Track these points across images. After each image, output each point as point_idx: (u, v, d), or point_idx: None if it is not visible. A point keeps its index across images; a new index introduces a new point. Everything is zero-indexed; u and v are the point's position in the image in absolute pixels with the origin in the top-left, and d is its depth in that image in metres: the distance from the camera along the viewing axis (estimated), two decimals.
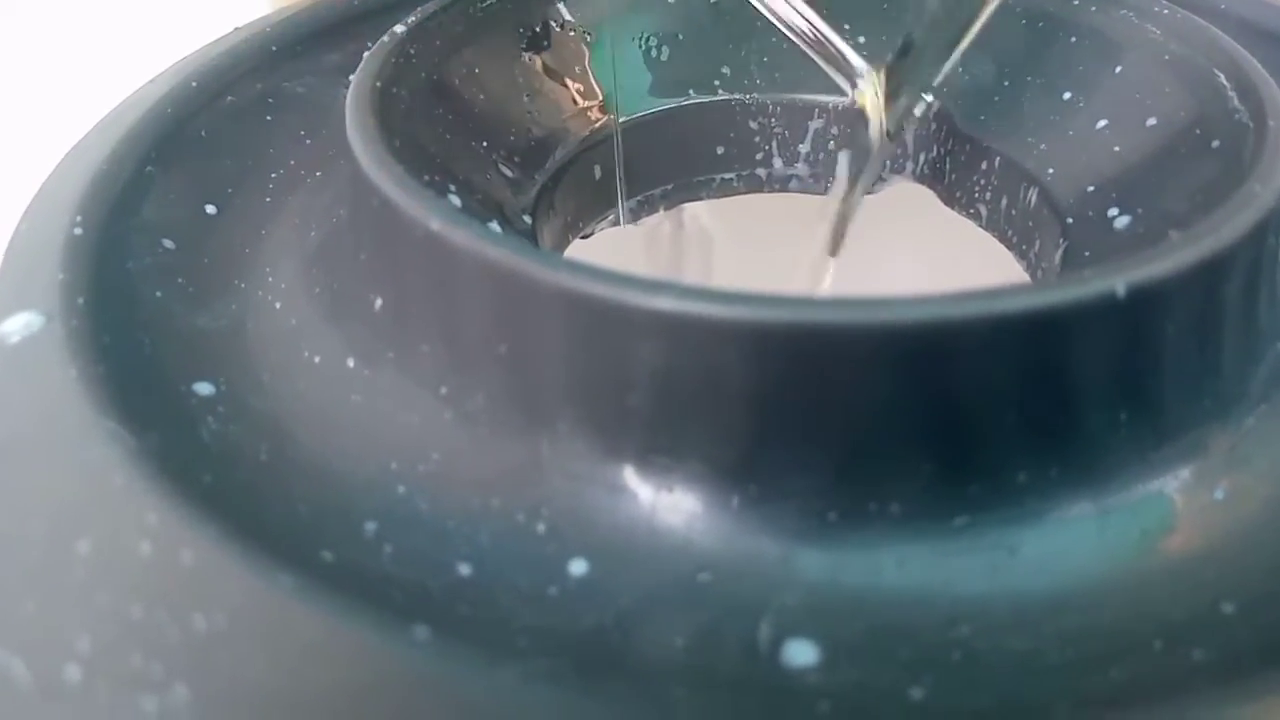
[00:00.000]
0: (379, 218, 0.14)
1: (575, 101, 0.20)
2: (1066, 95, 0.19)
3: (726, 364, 0.12)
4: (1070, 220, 0.17)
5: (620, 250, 0.26)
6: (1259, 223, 0.13)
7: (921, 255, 0.24)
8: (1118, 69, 0.18)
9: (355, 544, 0.12)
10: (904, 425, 0.12)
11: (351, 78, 0.16)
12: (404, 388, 0.14)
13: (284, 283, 0.16)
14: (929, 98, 0.18)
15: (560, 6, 0.20)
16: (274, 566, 0.11)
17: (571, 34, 0.20)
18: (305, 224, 0.18)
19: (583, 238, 0.21)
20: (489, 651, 0.11)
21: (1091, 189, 0.18)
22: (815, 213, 0.22)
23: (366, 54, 0.17)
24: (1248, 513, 0.13)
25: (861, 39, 0.21)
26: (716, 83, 0.21)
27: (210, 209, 0.18)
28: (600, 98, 0.20)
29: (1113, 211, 0.17)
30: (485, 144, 0.18)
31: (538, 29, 0.20)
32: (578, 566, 0.12)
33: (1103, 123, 0.18)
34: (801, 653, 0.11)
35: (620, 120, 0.19)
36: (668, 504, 0.13)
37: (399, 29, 0.17)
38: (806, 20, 0.18)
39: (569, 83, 0.20)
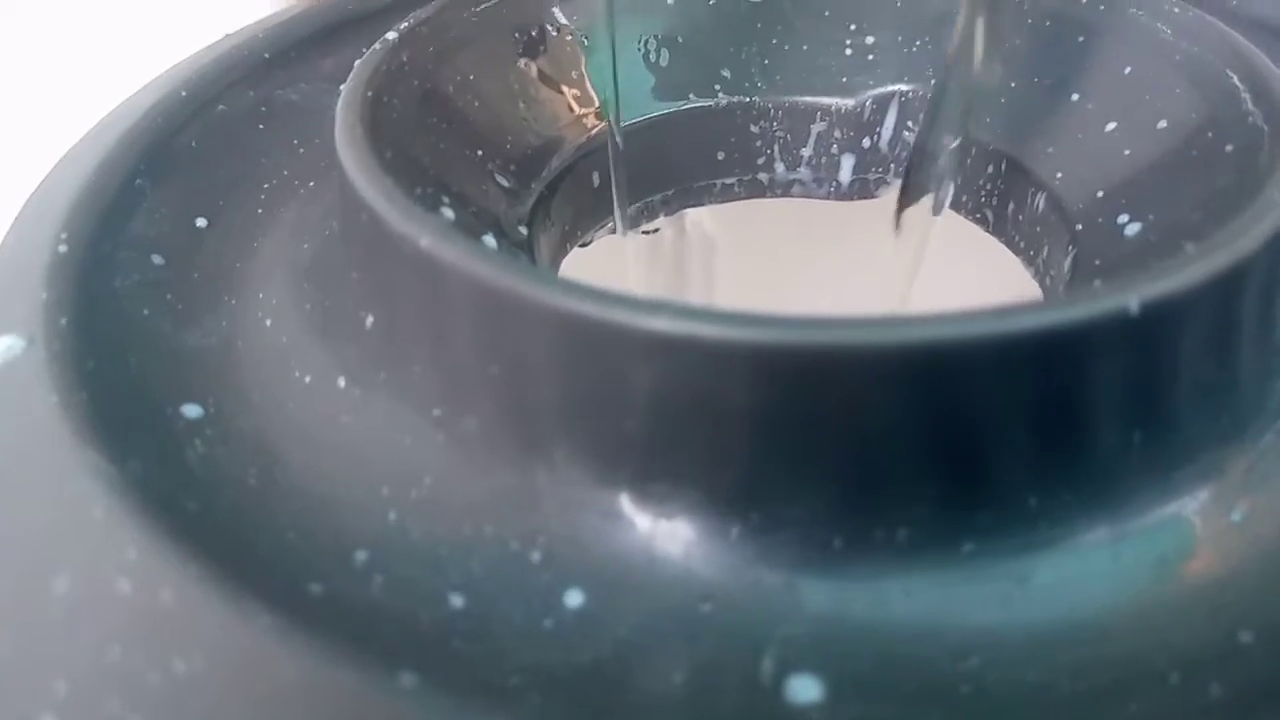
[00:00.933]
0: (369, 233, 0.14)
1: (572, 108, 0.19)
2: (1075, 97, 0.19)
3: (726, 387, 0.12)
4: (1080, 227, 0.17)
5: (622, 258, 0.26)
6: (1278, 232, 0.13)
7: (927, 261, 0.24)
8: (1127, 70, 0.18)
9: (345, 574, 0.12)
10: (909, 449, 0.12)
11: (343, 86, 0.16)
12: (396, 410, 0.14)
13: (275, 299, 0.16)
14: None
15: (556, 10, 0.19)
16: (256, 604, 0.10)
17: (568, 38, 0.20)
18: (298, 237, 0.17)
19: (581, 246, 0.20)
20: (479, 694, 0.10)
21: (1101, 194, 0.17)
22: (822, 217, 0.22)
23: (358, 62, 0.16)
24: (1266, 535, 0.13)
25: (870, 39, 0.21)
26: (717, 86, 0.20)
27: (201, 222, 0.17)
28: (597, 104, 0.19)
29: (1123, 218, 0.16)
30: (480, 153, 0.18)
31: (533, 33, 0.19)
32: (574, 597, 0.12)
33: (1112, 125, 0.18)
34: (805, 689, 0.11)
35: (620, 125, 0.19)
36: (667, 532, 0.12)
37: (391, 36, 0.17)
38: None
39: (565, 89, 0.19)
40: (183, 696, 0.10)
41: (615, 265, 0.25)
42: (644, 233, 0.26)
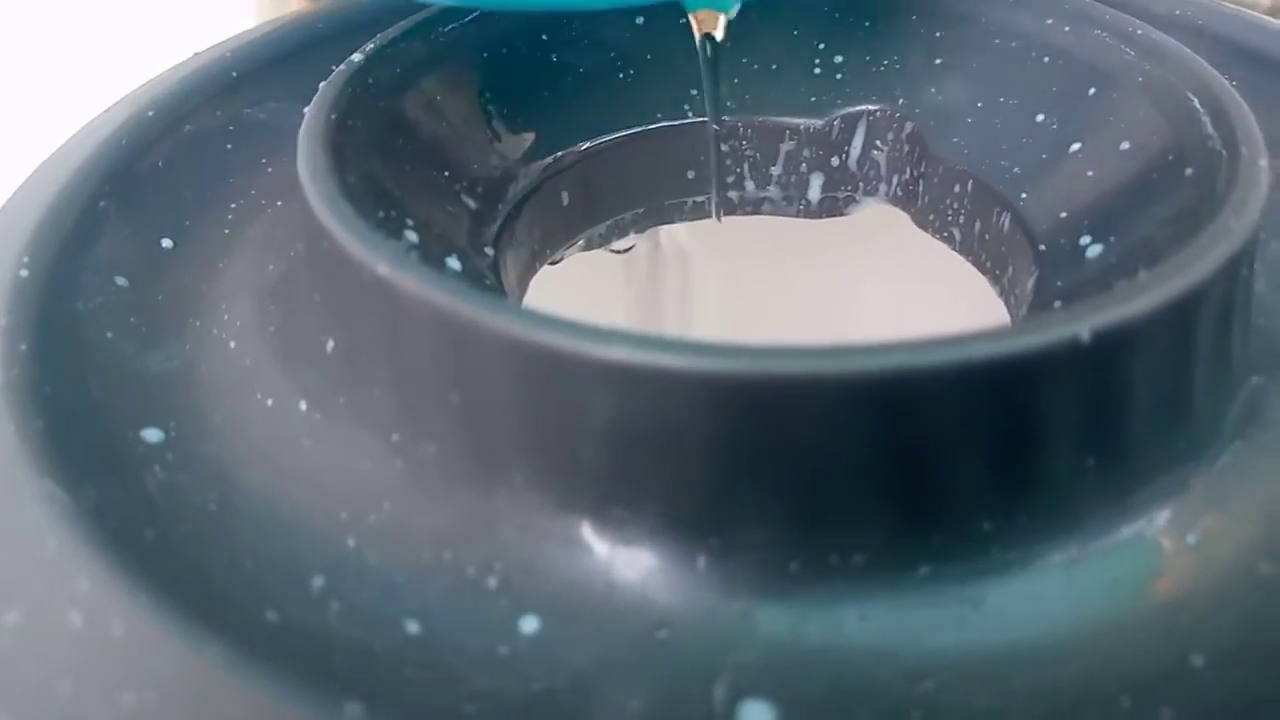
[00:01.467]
0: (330, 259, 0.14)
1: (541, 129, 0.19)
2: (1040, 117, 0.19)
3: (684, 415, 0.12)
4: (1043, 248, 0.17)
5: (594, 275, 0.26)
6: (1231, 257, 0.13)
7: (894, 278, 0.24)
8: (1091, 90, 0.18)
9: (301, 601, 0.12)
10: (865, 474, 0.12)
11: (305, 109, 0.16)
12: (355, 434, 0.14)
13: (240, 320, 0.16)
14: None
15: (522, 30, 0.19)
16: (208, 634, 0.10)
17: (537, 57, 0.20)
18: (264, 258, 0.17)
19: (551, 264, 0.20)
20: None
21: (1064, 215, 0.17)
22: (792, 234, 0.22)
23: (322, 84, 0.16)
24: (1220, 558, 0.13)
25: (839, 59, 0.21)
26: (686, 106, 0.20)
27: (166, 243, 0.17)
28: (565, 121, 0.19)
29: (1085, 240, 0.16)
30: (446, 174, 0.18)
31: (502, 52, 0.19)
32: (529, 624, 0.12)
33: (1076, 146, 0.18)
34: (757, 714, 0.11)
35: (584, 146, 0.19)
36: (625, 559, 0.12)
37: (356, 57, 0.17)
38: None
39: (532, 109, 0.19)
40: None
41: (589, 282, 0.25)
42: (615, 252, 0.27)
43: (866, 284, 0.24)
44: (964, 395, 0.12)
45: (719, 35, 0.18)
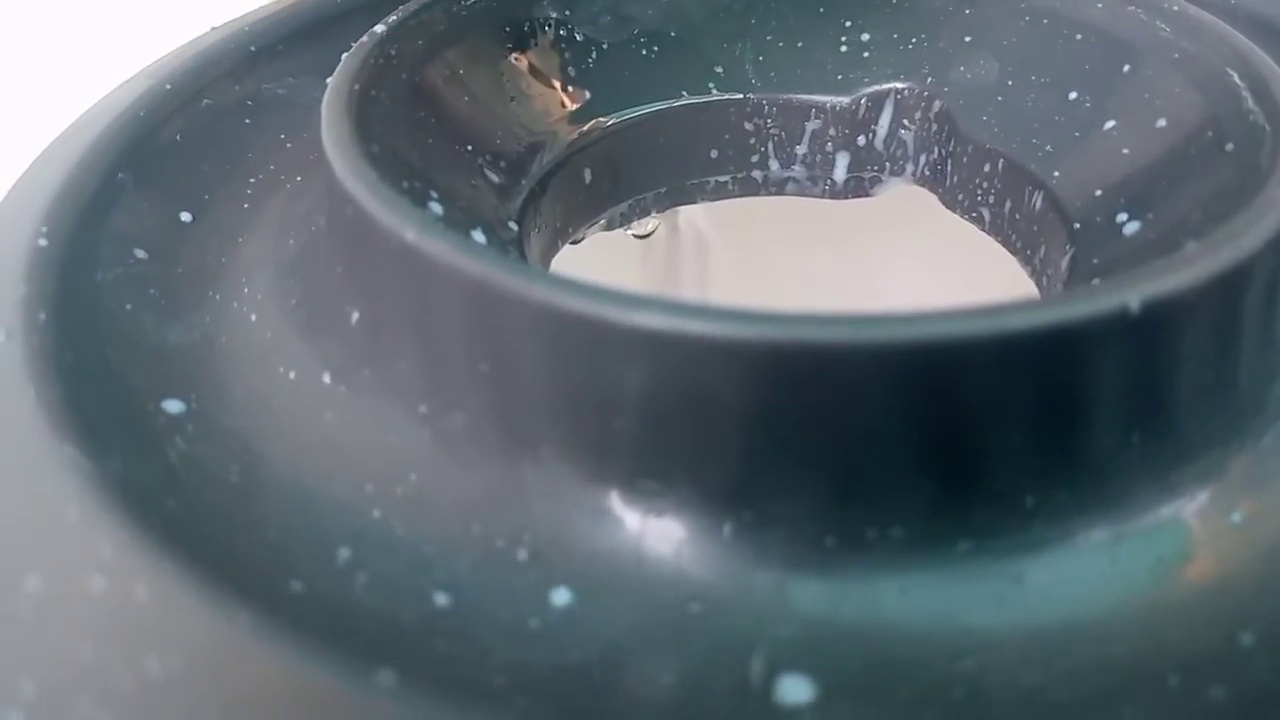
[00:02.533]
0: (354, 227, 0.14)
1: (563, 104, 0.19)
2: (1072, 95, 0.18)
3: (718, 384, 0.11)
4: (1077, 226, 0.17)
5: (614, 256, 0.26)
6: None
7: (923, 261, 0.24)
8: (1126, 68, 0.18)
9: (327, 573, 0.12)
10: (905, 446, 0.12)
11: (329, 80, 0.16)
12: (381, 406, 0.13)
13: (260, 294, 0.16)
14: None
15: (546, 3, 0.19)
16: (235, 601, 0.10)
17: (561, 32, 0.20)
18: (284, 231, 0.17)
19: (573, 243, 0.20)
20: (462, 695, 0.10)
21: (1099, 193, 0.17)
22: (817, 215, 0.22)
23: (345, 55, 0.16)
24: (1266, 536, 0.12)
25: (866, 36, 0.20)
26: (710, 83, 0.20)
27: (185, 216, 0.17)
28: (589, 98, 0.19)
29: (1122, 217, 0.16)
30: (470, 148, 0.17)
31: (525, 27, 0.19)
32: (561, 596, 0.11)
33: (1110, 124, 0.18)
34: (796, 689, 0.11)
35: (608, 123, 0.19)
36: (656, 531, 0.12)
37: (379, 29, 0.17)
38: None
39: (556, 84, 0.19)
40: (155, 697, 0.10)
41: (607, 263, 0.25)
42: (637, 237, 0.26)
43: (891, 267, 0.24)
44: (1008, 366, 0.11)
45: None
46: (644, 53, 0.20)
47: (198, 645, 0.10)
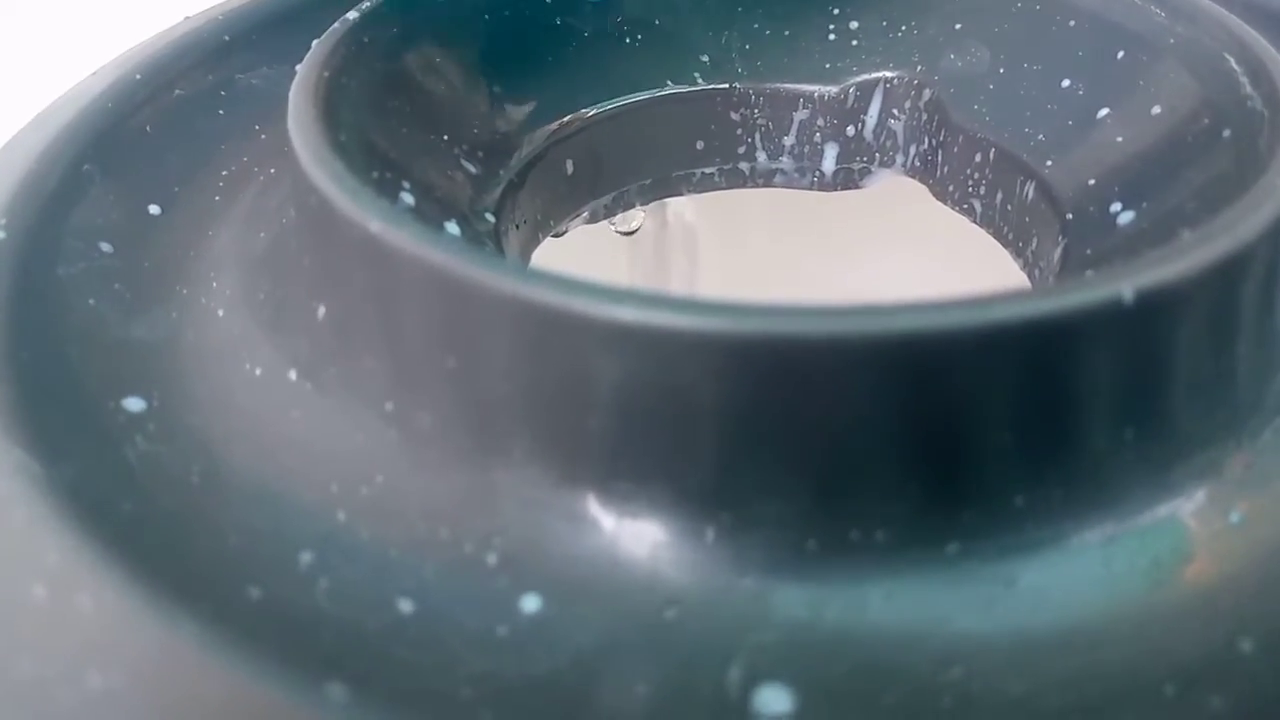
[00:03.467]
0: (319, 219, 0.13)
1: (542, 94, 0.18)
2: (1065, 82, 0.18)
3: (693, 380, 0.11)
4: (1070, 216, 0.16)
5: (602, 252, 0.25)
6: (1279, 219, 0.12)
7: (914, 254, 0.23)
8: (1120, 54, 0.17)
9: (287, 578, 0.11)
10: (889, 444, 0.11)
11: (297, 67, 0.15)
12: (347, 404, 0.13)
13: (228, 289, 0.15)
14: None
15: None
16: (182, 611, 0.10)
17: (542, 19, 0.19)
18: (255, 225, 0.16)
19: (554, 236, 0.19)
20: (425, 707, 0.09)
21: (1092, 182, 0.16)
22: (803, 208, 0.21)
23: (315, 42, 0.16)
24: (1266, 537, 0.12)
25: (854, 24, 0.20)
26: (695, 72, 0.20)
27: (154, 209, 0.16)
28: (570, 87, 0.19)
29: (1115, 206, 0.16)
30: (446, 138, 0.17)
31: (504, 14, 0.18)
32: (531, 603, 0.11)
33: (1104, 111, 0.17)
34: (775, 699, 0.10)
35: (589, 113, 0.18)
36: (631, 534, 0.11)
37: (352, 15, 0.16)
38: None
39: (534, 74, 0.18)
40: (96, 712, 0.09)
41: (595, 259, 0.24)
42: (621, 233, 0.26)
43: (881, 260, 0.24)
44: (997, 359, 0.11)
45: None
46: (627, 41, 0.20)
47: (141, 658, 0.09)
